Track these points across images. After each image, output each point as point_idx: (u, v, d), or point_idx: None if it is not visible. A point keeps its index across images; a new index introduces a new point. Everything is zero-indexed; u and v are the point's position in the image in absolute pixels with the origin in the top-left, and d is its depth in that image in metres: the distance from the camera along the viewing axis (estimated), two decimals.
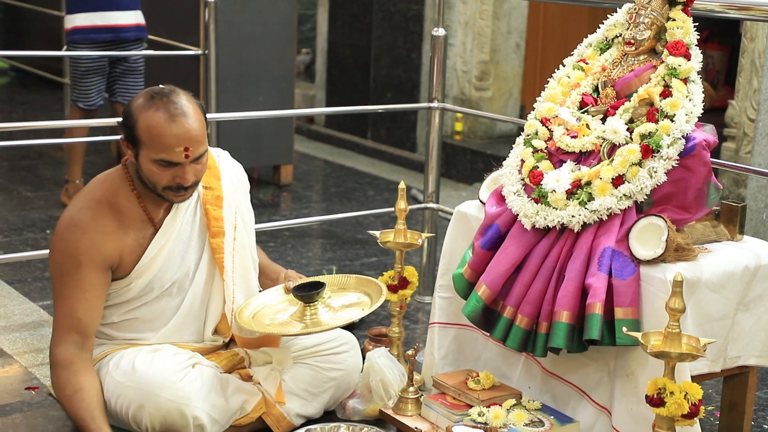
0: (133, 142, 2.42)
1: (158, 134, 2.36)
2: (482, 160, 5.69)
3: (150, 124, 2.37)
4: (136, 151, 2.42)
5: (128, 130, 2.42)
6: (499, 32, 6.00)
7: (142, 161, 2.41)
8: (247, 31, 5.10)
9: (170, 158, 2.38)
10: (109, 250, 2.45)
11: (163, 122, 2.36)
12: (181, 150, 2.37)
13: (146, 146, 2.39)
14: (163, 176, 2.41)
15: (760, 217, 4.23)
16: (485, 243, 2.58)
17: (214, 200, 2.58)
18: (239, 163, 2.75)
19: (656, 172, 2.38)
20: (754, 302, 2.49)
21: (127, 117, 2.42)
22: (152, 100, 2.40)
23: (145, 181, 2.45)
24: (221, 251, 2.56)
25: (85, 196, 2.51)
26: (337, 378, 2.67)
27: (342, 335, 2.75)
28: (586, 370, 2.51)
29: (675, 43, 2.49)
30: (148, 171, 2.41)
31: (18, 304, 3.53)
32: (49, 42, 6.71)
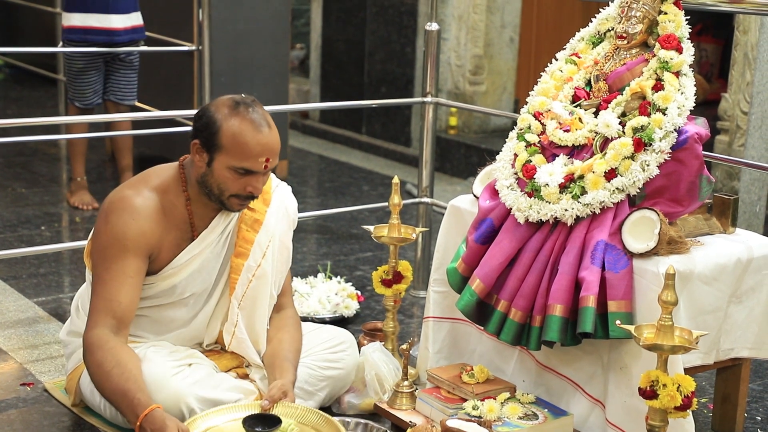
0: (211, 147, 2.39)
1: (244, 142, 2.35)
2: (476, 155, 5.69)
3: (236, 131, 2.36)
4: (211, 157, 2.39)
5: (208, 135, 2.38)
6: (492, 26, 6.00)
7: (217, 167, 2.39)
8: (241, 27, 5.09)
9: (251, 167, 2.37)
10: (155, 240, 2.43)
11: (251, 131, 2.36)
12: (263, 160, 2.38)
13: (227, 153, 2.37)
14: (236, 184, 2.39)
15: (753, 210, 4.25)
16: (479, 237, 2.59)
17: (252, 222, 2.55)
18: (295, 200, 2.71)
19: (648, 165, 2.39)
20: (746, 294, 2.50)
21: (209, 123, 2.39)
22: (237, 108, 2.39)
23: (212, 187, 2.42)
24: (238, 272, 2.53)
25: (138, 183, 2.48)
26: (334, 376, 2.66)
27: (340, 334, 2.73)
28: (579, 363, 2.52)
29: (667, 36, 2.50)
30: (221, 177, 2.39)
31: (13, 301, 3.53)
32: (44, 38, 6.70)
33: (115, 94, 4.66)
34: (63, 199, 4.85)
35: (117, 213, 2.41)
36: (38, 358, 3.05)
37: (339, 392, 2.71)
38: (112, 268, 2.39)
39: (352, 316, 3.46)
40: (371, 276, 2.97)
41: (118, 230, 2.40)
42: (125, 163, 4.82)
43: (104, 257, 2.41)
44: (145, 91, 4.82)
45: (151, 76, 5.03)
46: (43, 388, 2.82)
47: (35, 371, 2.95)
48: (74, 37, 4.53)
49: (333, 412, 2.69)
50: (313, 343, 2.67)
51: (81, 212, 4.67)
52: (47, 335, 3.22)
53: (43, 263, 3.94)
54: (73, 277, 3.85)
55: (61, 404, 2.70)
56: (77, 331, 2.58)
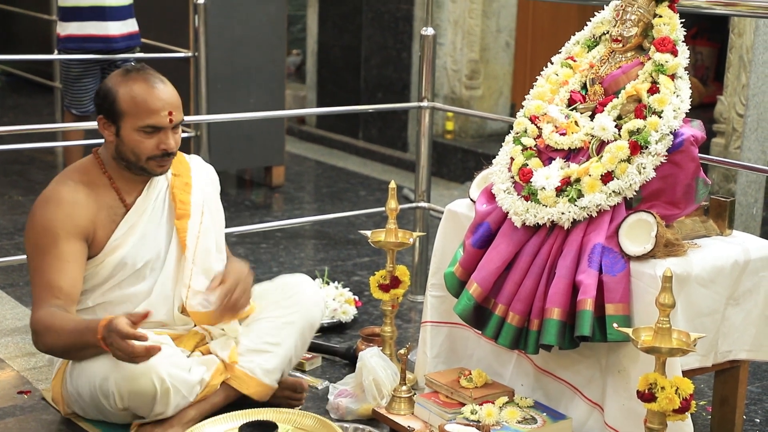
0: (114, 116, 2.50)
1: (142, 100, 2.47)
2: (473, 159, 5.69)
3: (133, 93, 2.48)
4: (118, 126, 2.50)
5: (108, 106, 2.50)
6: (488, 31, 6.01)
7: (125, 133, 2.50)
8: (237, 33, 5.10)
9: (155, 122, 2.48)
10: (84, 222, 2.51)
11: (145, 89, 2.48)
12: (165, 114, 2.48)
13: (130, 115, 2.48)
14: (148, 144, 2.49)
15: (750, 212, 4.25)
16: (476, 241, 2.59)
17: (182, 186, 2.66)
18: (211, 167, 2.83)
19: (645, 168, 2.39)
20: (743, 297, 2.50)
21: (106, 94, 2.51)
22: (128, 74, 2.51)
23: (128, 155, 2.52)
24: (185, 231, 2.62)
25: (58, 178, 2.58)
26: (295, 321, 2.69)
27: (291, 278, 2.81)
28: (578, 366, 2.52)
29: (662, 39, 2.50)
30: (132, 142, 2.49)
31: (10, 309, 3.53)
32: (40, 46, 6.71)
33: None
34: None
35: (41, 205, 2.51)
36: (35, 366, 3.04)
37: (309, 336, 2.75)
38: (47, 258, 2.46)
39: (350, 321, 3.46)
40: (369, 281, 2.97)
41: (45, 220, 2.48)
42: None
43: (37, 250, 2.48)
44: None
45: None
46: (40, 396, 2.82)
47: (32, 379, 2.94)
48: (72, 46, 4.53)
49: (331, 417, 2.69)
50: (272, 298, 2.72)
51: None
52: None
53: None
54: None
55: (58, 412, 2.69)
56: None
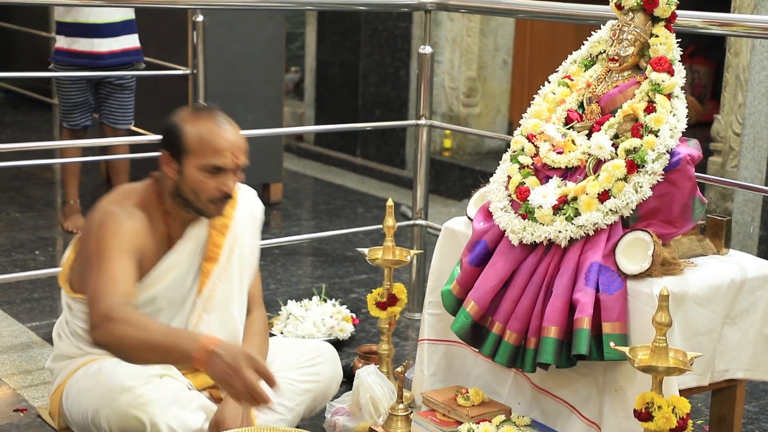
0: (179, 153, 2.43)
1: (209, 139, 2.40)
2: (471, 177, 5.70)
3: (200, 130, 2.41)
4: (181, 163, 2.42)
5: (173, 141, 2.43)
6: (486, 49, 6.04)
7: (188, 171, 2.42)
8: (235, 51, 5.11)
9: (220, 163, 2.41)
10: (140, 245, 2.43)
11: (214, 128, 2.42)
12: (230, 155, 2.41)
13: (195, 153, 2.41)
14: (210, 185, 2.42)
15: (747, 231, 4.25)
16: (473, 259, 2.59)
17: (221, 227, 2.57)
18: (260, 202, 2.73)
19: (641, 187, 2.40)
20: (740, 316, 2.50)
21: (172, 130, 2.45)
22: (198, 112, 2.47)
23: (188, 194, 2.44)
24: (208, 275, 2.55)
25: (120, 200, 2.48)
26: (313, 390, 2.66)
27: (318, 346, 2.74)
28: (575, 385, 2.51)
29: (658, 59, 2.52)
30: (194, 180, 2.42)
31: (6, 326, 3.52)
32: (38, 63, 6.71)
33: (108, 118, 4.66)
34: (57, 224, 4.85)
35: (104, 221, 2.42)
36: (32, 383, 3.04)
37: (320, 405, 2.71)
38: (107, 267, 2.34)
39: (347, 338, 3.46)
40: (366, 298, 2.97)
41: (109, 233, 2.39)
42: None
43: (99, 257, 2.36)
44: (139, 115, 4.83)
45: (145, 100, 5.04)
46: (36, 413, 2.81)
47: (28, 397, 2.93)
48: (60, 59, 4.55)
49: None
50: (292, 357, 2.66)
51: (75, 236, 4.65)
52: (41, 360, 3.21)
53: (37, 288, 3.93)
54: None
55: (55, 430, 2.68)
56: (63, 354, 2.59)
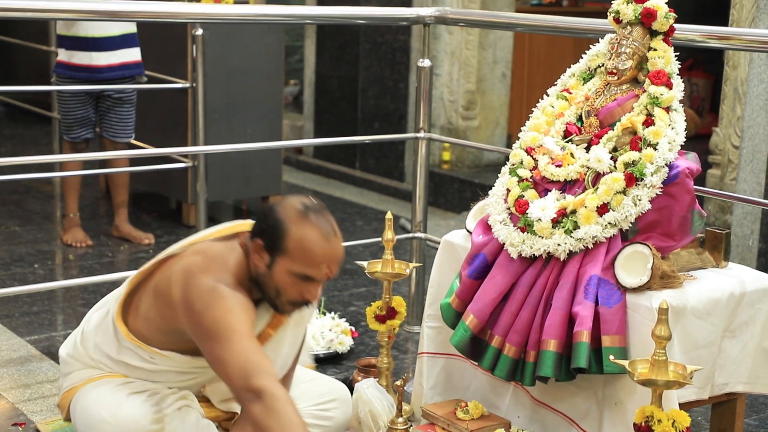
0: (274, 249, 2.30)
1: (311, 250, 2.28)
2: (470, 189, 5.70)
3: (304, 237, 2.28)
4: (273, 259, 2.31)
5: (272, 237, 2.30)
6: (485, 62, 6.05)
7: (278, 270, 2.31)
8: (234, 64, 5.12)
9: (313, 275, 2.30)
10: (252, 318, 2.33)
11: (318, 238, 2.28)
12: (326, 269, 2.31)
13: (291, 257, 2.29)
14: (294, 289, 2.32)
15: (746, 244, 4.25)
16: (472, 272, 2.59)
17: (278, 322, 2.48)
18: None
19: (640, 200, 2.40)
20: (740, 329, 2.50)
21: (275, 225, 2.30)
22: (307, 212, 2.31)
23: (269, 290, 2.34)
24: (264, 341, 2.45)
25: (219, 270, 2.34)
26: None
27: (333, 389, 2.68)
28: (574, 398, 2.51)
29: (656, 72, 2.52)
30: (281, 281, 2.31)
31: (5, 339, 3.51)
32: (38, 76, 6.73)
33: (108, 131, 4.67)
34: (57, 237, 4.85)
35: (212, 296, 2.28)
36: (30, 397, 3.03)
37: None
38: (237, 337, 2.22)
39: (346, 352, 3.45)
40: (365, 311, 2.97)
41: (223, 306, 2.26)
42: (121, 200, 4.82)
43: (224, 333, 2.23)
44: (139, 128, 4.84)
45: (145, 113, 5.05)
46: (34, 428, 2.80)
47: (27, 411, 2.93)
48: (60, 72, 4.57)
49: None
50: (306, 396, 2.61)
51: (74, 250, 4.66)
52: (39, 374, 3.20)
53: (36, 302, 3.92)
54: (66, 315, 3.84)
55: None
56: (79, 359, 2.56)
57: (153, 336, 2.45)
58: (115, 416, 2.38)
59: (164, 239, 4.86)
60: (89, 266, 4.42)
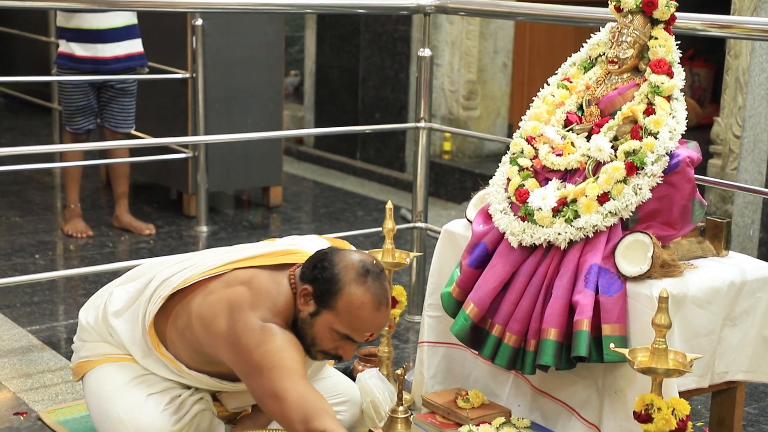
0: (323, 302, 2.29)
1: (359, 315, 2.28)
2: (471, 179, 5.70)
3: (357, 302, 2.27)
4: (319, 310, 2.30)
5: (325, 291, 2.29)
6: (485, 52, 6.04)
7: (320, 323, 2.30)
8: (234, 54, 5.12)
9: (354, 337, 2.32)
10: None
11: (370, 306, 2.28)
12: (367, 334, 2.33)
13: (338, 316, 2.28)
14: (331, 344, 2.32)
15: (747, 233, 4.25)
16: (473, 261, 2.59)
17: None
18: None
19: (641, 189, 2.40)
20: (740, 317, 2.50)
21: (332, 280, 2.28)
22: (366, 276, 2.29)
23: (306, 334, 2.33)
24: None
25: (263, 308, 2.32)
26: None
27: (344, 390, 2.69)
28: (574, 387, 2.51)
29: (657, 61, 2.52)
30: (320, 333, 2.31)
31: (6, 330, 3.52)
32: (38, 67, 6.72)
33: (109, 122, 4.67)
34: (57, 228, 4.85)
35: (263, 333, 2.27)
36: (32, 387, 3.04)
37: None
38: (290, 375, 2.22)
39: None
40: None
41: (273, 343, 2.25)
42: (121, 191, 4.82)
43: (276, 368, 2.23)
44: (139, 118, 4.83)
45: (145, 103, 5.05)
46: (36, 417, 2.81)
47: (28, 400, 2.93)
48: (63, 63, 4.56)
49: None
50: None
51: (75, 240, 4.66)
52: (41, 364, 3.21)
53: (37, 292, 3.93)
54: (67, 305, 3.84)
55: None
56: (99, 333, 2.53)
57: (185, 353, 2.42)
58: (133, 421, 2.36)
59: (165, 230, 4.86)
60: (90, 257, 4.42)
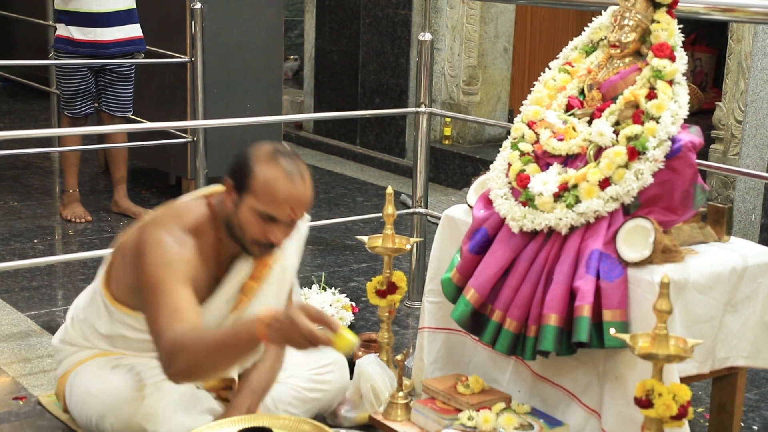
0: (241, 188, 2.35)
1: (273, 188, 2.31)
2: (471, 165, 5.69)
3: (269, 176, 2.32)
4: (240, 197, 2.35)
5: (241, 176, 2.35)
6: (486, 36, 6.01)
7: (243, 209, 2.34)
8: (234, 38, 5.09)
9: (275, 214, 2.33)
10: (193, 274, 2.35)
11: (282, 178, 2.32)
12: (288, 210, 2.33)
13: (255, 196, 2.32)
14: (258, 229, 2.34)
15: (749, 219, 4.24)
16: (473, 247, 2.58)
17: (262, 267, 2.50)
18: (307, 222, 2.64)
19: (642, 174, 2.38)
20: (741, 303, 2.49)
21: (243, 164, 2.35)
22: (276, 154, 2.35)
23: (236, 228, 2.37)
24: (248, 295, 2.48)
25: (170, 222, 2.39)
26: (319, 398, 2.65)
27: (329, 354, 2.67)
28: (575, 373, 2.51)
29: (660, 45, 2.50)
30: (245, 219, 2.34)
31: (5, 314, 3.51)
32: (36, 51, 6.69)
33: (108, 106, 4.65)
34: (56, 212, 4.84)
35: (158, 249, 2.32)
36: (31, 371, 3.03)
37: (325, 411, 2.70)
38: (164, 301, 2.25)
39: (346, 327, 3.45)
40: (366, 287, 2.96)
41: (164, 262, 2.29)
42: (120, 176, 4.81)
43: (155, 290, 2.28)
44: (138, 103, 4.82)
45: (144, 88, 5.03)
46: (36, 401, 2.81)
47: (28, 385, 2.93)
48: (61, 47, 4.54)
49: (329, 424, 2.68)
50: (302, 363, 2.61)
51: (74, 225, 4.65)
52: (40, 349, 3.21)
53: (36, 276, 3.92)
54: (66, 290, 3.84)
55: (55, 417, 2.68)
56: (70, 341, 2.58)
57: (129, 298, 2.45)
58: (99, 388, 2.37)
59: None
60: (89, 241, 4.41)
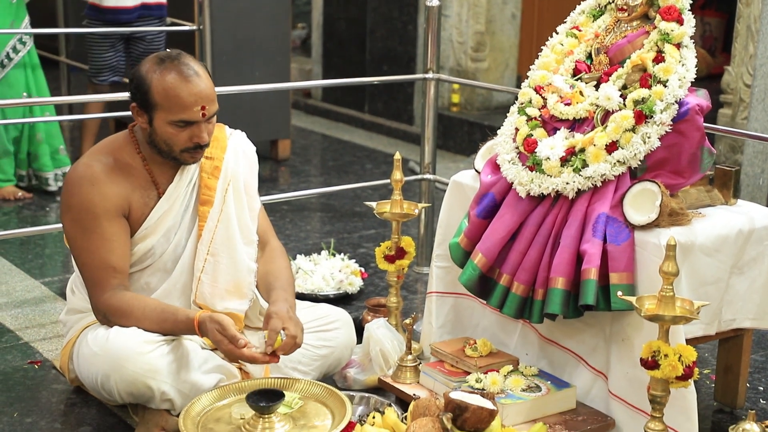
0: (147, 107, 2.42)
1: (175, 95, 2.39)
2: (479, 131, 5.69)
3: (166, 86, 2.39)
4: (151, 116, 2.43)
5: (141, 96, 2.42)
6: (494, 2, 5.98)
7: (158, 125, 2.43)
8: (242, 6, 5.09)
9: (188, 117, 2.40)
10: (121, 200, 2.46)
11: (178, 83, 2.39)
12: (198, 109, 2.40)
13: (162, 108, 2.40)
14: (181, 137, 2.43)
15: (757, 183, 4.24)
16: (481, 212, 2.60)
17: (212, 170, 2.58)
18: (252, 144, 2.71)
19: (650, 137, 2.39)
20: (748, 265, 2.50)
21: (139, 83, 2.42)
22: (162, 63, 2.42)
23: (161, 145, 2.46)
24: (204, 219, 2.55)
25: (91, 153, 2.52)
26: (327, 355, 2.67)
27: (333, 312, 2.74)
28: (582, 335, 2.53)
29: (668, 8, 2.49)
30: (165, 134, 2.43)
31: (19, 281, 3.56)
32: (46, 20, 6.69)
33: None
34: None
35: (77, 184, 2.45)
36: (45, 336, 3.08)
37: (332, 370, 2.73)
38: (92, 238, 2.44)
39: (356, 292, 3.48)
40: (374, 253, 2.98)
41: (83, 200, 2.44)
42: None
43: (81, 230, 2.45)
44: None
45: None
46: (51, 366, 2.85)
47: (42, 350, 2.97)
48: (89, 14, 4.71)
49: (338, 387, 2.71)
50: (307, 319, 2.64)
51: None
52: (54, 314, 3.25)
53: (49, 244, 3.96)
54: None
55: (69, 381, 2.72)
56: (75, 308, 2.62)
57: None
58: (103, 347, 2.39)
59: None
60: None
